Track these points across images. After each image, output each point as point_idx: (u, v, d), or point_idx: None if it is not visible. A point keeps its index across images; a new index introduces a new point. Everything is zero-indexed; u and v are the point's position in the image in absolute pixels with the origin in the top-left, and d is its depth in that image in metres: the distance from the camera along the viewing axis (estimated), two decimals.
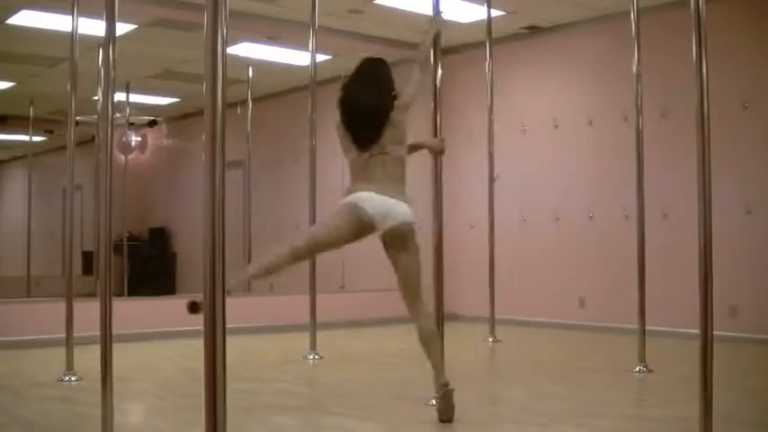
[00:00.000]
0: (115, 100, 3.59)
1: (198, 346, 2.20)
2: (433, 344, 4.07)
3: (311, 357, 6.27)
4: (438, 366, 4.02)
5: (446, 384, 3.95)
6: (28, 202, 11.13)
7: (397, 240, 4.05)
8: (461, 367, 4.47)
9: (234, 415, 2.79)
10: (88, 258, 10.18)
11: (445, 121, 4.68)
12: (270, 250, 4.13)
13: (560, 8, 7.90)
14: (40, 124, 11.21)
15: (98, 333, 3.37)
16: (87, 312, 4.69)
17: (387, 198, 3.99)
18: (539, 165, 8.65)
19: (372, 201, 3.98)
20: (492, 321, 7.42)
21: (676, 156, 7.18)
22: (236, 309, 5.47)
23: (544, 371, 5.79)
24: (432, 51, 4.52)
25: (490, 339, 7.34)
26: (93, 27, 5.32)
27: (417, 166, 8.43)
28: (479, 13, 7.72)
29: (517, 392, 4.84)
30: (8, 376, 5.42)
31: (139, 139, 12.16)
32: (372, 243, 4.11)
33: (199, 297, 3.24)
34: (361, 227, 4.02)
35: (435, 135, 4.56)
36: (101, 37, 3.54)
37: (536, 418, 4.10)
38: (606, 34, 7.97)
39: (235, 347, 4.81)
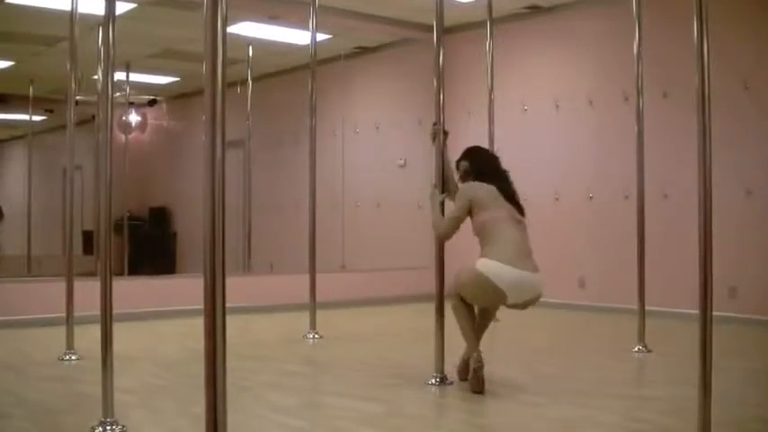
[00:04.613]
0: (115, 79, 3.58)
1: (198, 325, 2.21)
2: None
3: (311, 337, 6.29)
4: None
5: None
6: (28, 182, 11.11)
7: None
8: (460, 348, 4.48)
9: (234, 394, 2.82)
10: (88, 238, 10.18)
11: (446, 100, 4.66)
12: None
13: None
14: (40, 104, 11.17)
15: (98, 312, 3.39)
16: (88, 292, 4.71)
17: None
18: (539, 145, 8.62)
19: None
20: None
21: (676, 136, 7.17)
22: (237, 288, 5.49)
23: (543, 351, 5.80)
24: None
25: None
26: (92, 6, 5.30)
27: (418, 146, 8.39)
28: None
29: (516, 373, 4.85)
30: (8, 355, 5.44)
31: (139, 118, 12.13)
32: (372, 223, 4.11)
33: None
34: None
35: (437, 115, 4.57)
36: (101, 16, 3.53)
37: (535, 398, 4.12)
38: (607, 14, 7.92)
39: (235, 327, 4.81)
